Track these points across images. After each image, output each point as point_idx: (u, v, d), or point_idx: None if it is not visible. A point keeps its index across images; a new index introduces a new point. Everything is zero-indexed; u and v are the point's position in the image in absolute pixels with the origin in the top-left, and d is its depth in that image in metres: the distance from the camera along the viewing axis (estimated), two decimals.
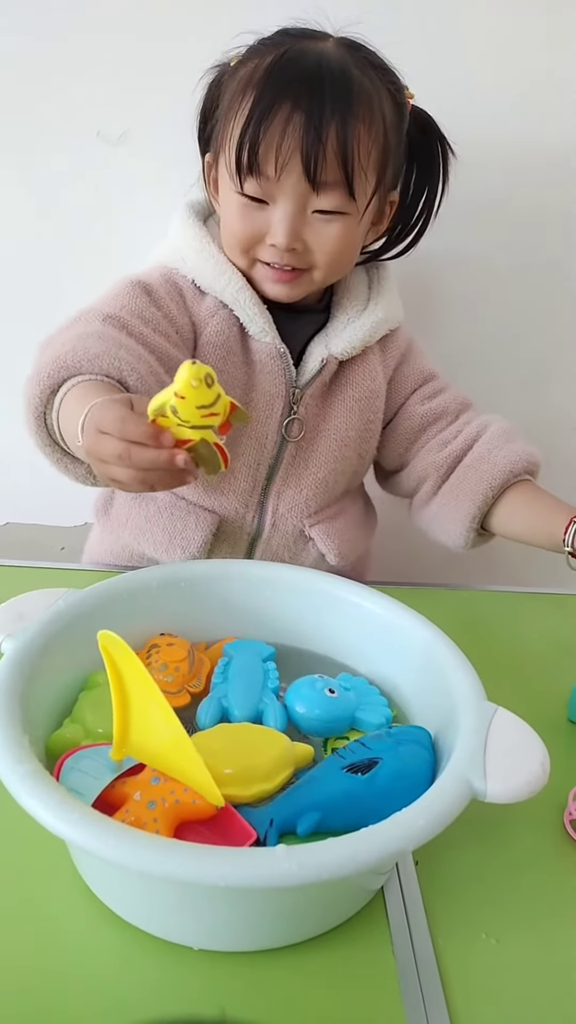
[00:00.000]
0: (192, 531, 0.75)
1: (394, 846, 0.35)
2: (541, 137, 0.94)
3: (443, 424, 0.79)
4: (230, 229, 0.68)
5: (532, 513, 0.71)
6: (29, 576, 0.71)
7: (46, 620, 0.48)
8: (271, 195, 0.65)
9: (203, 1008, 0.37)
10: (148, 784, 0.40)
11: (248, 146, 0.62)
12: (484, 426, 0.77)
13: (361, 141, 0.63)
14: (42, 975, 0.38)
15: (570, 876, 0.47)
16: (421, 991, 0.39)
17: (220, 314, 0.71)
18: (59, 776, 0.41)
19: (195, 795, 0.40)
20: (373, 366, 0.77)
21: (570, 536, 0.66)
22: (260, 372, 0.72)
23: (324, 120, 0.61)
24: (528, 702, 0.47)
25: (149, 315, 0.66)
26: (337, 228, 0.66)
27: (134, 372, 0.58)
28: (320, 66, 0.62)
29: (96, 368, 0.57)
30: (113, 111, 0.91)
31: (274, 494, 0.76)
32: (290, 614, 0.57)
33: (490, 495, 0.72)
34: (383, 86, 0.65)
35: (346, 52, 0.64)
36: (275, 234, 0.65)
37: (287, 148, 0.61)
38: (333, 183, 0.63)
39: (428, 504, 0.78)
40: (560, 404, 1.09)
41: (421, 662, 0.50)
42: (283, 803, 0.42)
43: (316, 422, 0.75)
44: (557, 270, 1.02)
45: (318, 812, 0.41)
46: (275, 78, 0.62)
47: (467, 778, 0.39)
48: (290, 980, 0.39)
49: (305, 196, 0.64)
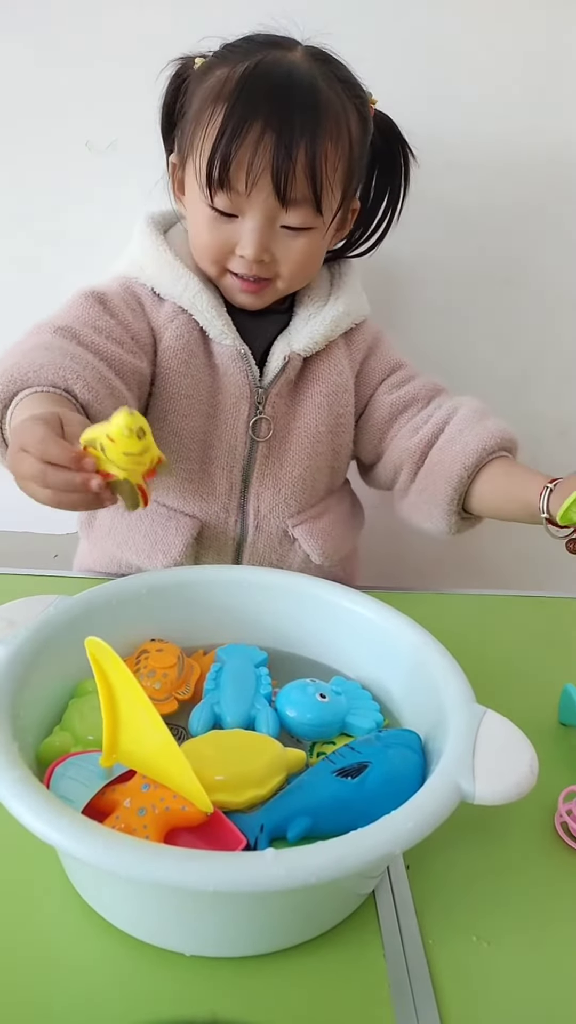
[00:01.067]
0: (173, 536, 0.75)
1: (382, 849, 0.35)
2: (524, 141, 0.95)
3: (414, 411, 0.78)
4: (199, 240, 0.70)
5: (507, 486, 0.69)
6: (19, 583, 0.71)
7: (36, 627, 0.48)
8: (240, 209, 0.66)
9: (195, 1014, 0.37)
10: (138, 791, 0.41)
11: (220, 162, 0.63)
12: (454, 408, 0.75)
13: (328, 158, 0.65)
14: (32, 983, 0.38)
15: (560, 878, 0.47)
16: (412, 995, 0.39)
17: (179, 319, 0.72)
18: (49, 784, 0.41)
19: (185, 801, 0.40)
20: (339, 360, 0.77)
21: (543, 501, 0.63)
22: (223, 375, 0.73)
23: (294, 139, 0.63)
24: (518, 705, 0.47)
25: (102, 324, 0.67)
26: (303, 242, 0.68)
27: (80, 380, 0.58)
28: (290, 82, 0.63)
29: (42, 379, 0.57)
30: (101, 121, 0.91)
31: (253, 495, 0.76)
32: (280, 619, 0.57)
33: (465, 475, 0.70)
34: (349, 100, 0.67)
35: (314, 65, 0.65)
36: (244, 246, 0.67)
37: (258, 165, 0.63)
38: (301, 200, 0.65)
39: (407, 493, 0.77)
40: (545, 410, 1.10)
41: (410, 665, 0.51)
42: (273, 809, 0.42)
43: (285, 420, 0.76)
44: (541, 275, 1.02)
45: (308, 817, 0.41)
46: (246, 93, 0.63)
47: (456, 780, 0.39)
48: (282, 985, 0.39)
49: (274, 211, 0.66)
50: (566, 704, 0.60)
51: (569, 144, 0.96)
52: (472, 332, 1.05)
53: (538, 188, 0.97)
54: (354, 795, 0.41)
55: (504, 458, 0.71)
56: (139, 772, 0.42)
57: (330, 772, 0.43)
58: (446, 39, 0.90)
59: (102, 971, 0.39)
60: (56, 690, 0.49)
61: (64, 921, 0.41)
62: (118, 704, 0.40)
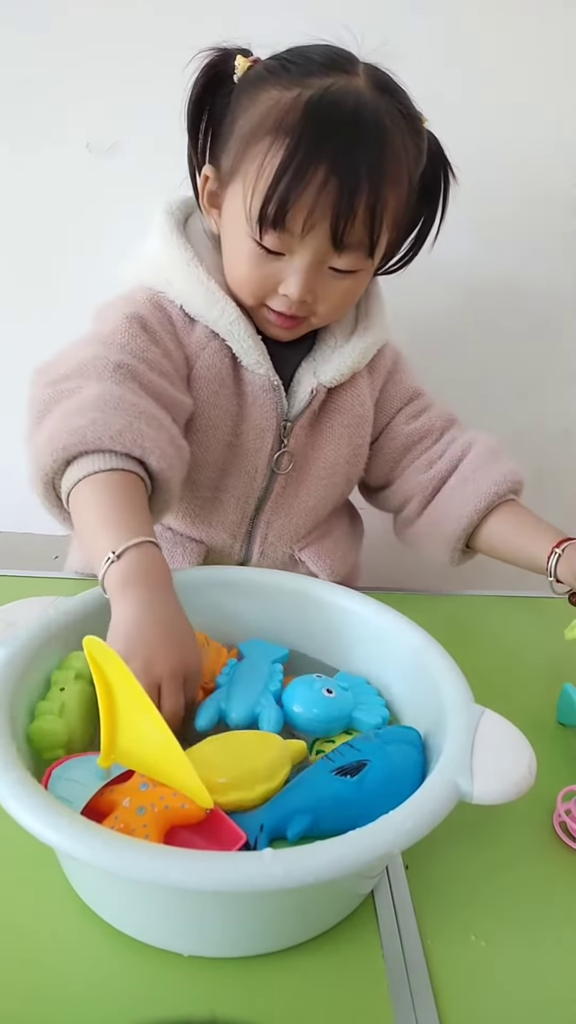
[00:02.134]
0: (179, 562, 0.74)
1: (381, 849, 0.35)
2: (526, 145, 0.95)
3: (428, 443, 0.78)
4: (240, 272, 0.66)
5: (517, 536, 0.72)
6: (19, 585, 0.72)
7: (36, 628, 0.48)
8: (290, 248, 0.62)
9: (193, 1014, 0.37)
10: (137, 790, 0.41)
11: (277, 204, 0.59)
12: (469, 444, 0.76)
13: (388, 204, 0.62)
14: (30, 983, 0.38)
15: (559, 878, 0.47)
16: (411, 994, 0.39)
17: (212, 345, 0.68)
18: (48, 785, 0.41)
19: (184, 799, 0.40)
20: (361, 390, 0.75)
21: (552, 564, 0.67)
22: (252, 404, 0.70)
23: (359, 186, 0.59)
24: (517, 705, 0.47)
25: (151, 356, 0.64)
26: (348, 283, 0.66)
27: (156, 450, 0.56)
28: (358, 122, 0.59)
29: (119, 447, 0.54)
30: (103, 122, 0.91)
31: (263, 524, 0.75)
32: (281, 620, 0.57)
33: (476, 517, 0.72)
34: (411, 138, 0.63)
35: (380, 99, 0.60)
36: (289, 287, 0.64)
37: (318, 212, 0.59)
38: (356, 245, 0.62)
39: (414, 523, 0.79)
40: (551, 409, 1.10)
41: (410, 666, 0.51)
42: (273, 808, 0.42)
43: (305, 451, 0.74)
44: (542, 277, 1.02)
45: (308, 816, 0.41)
46: (312, 132, 0.58)
47: (454, 780, 0.39)
48: (280, 985, 0.39)
49: (325, 254, 0.62)
50: (565, 704, 0.60)
51: (570, 148, 0.96)
52: (473, 334, 1.05)
53: (541, 190, 0.97)
54: (354, 793, 0.41)
55: (512, 501, 0.73)
56: (138, 771, 0.42)
57: (329, 771, 0.43)
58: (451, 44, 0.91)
59: (100, 971, 0.39)
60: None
61: (63, 922, 0.41)
62: (116, 703, 0.40)
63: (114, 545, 0.49)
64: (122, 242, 0.96)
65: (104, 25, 0.88)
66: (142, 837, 0.38)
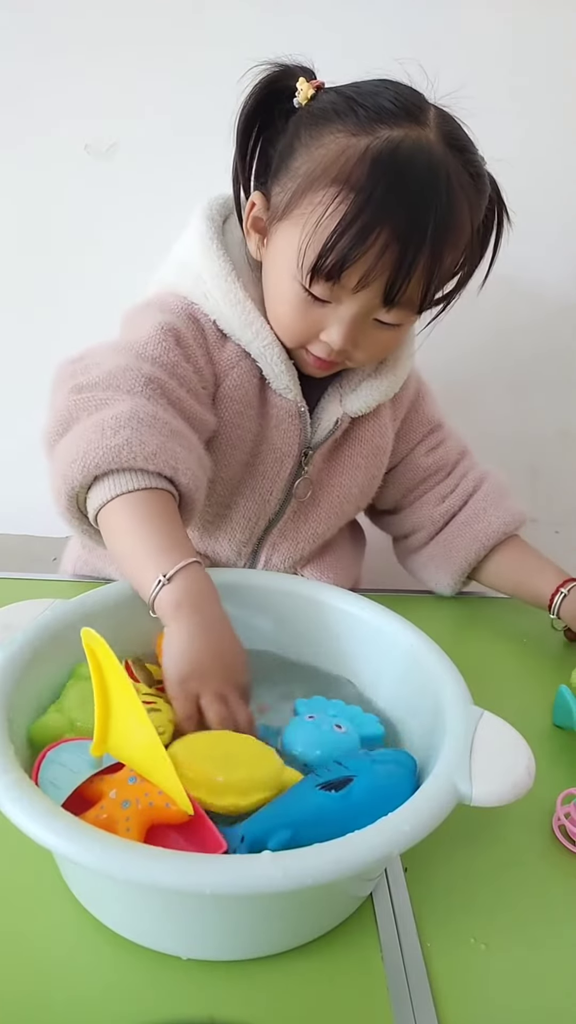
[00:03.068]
0: None
1: (380, 851, 0.35)
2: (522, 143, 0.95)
3: (442, 476, 0.79)
4: (283, 316, 0.64)
5: (520, 572, 0.76)
6: (16, 587, 0.71)
7: (33, 631, 0.48)
8: (338, 299, 0.61)
9: (192, 1017, 0.37)
10: (125, 783, 0.41)
11: (334, 260, 0.58)
12: (480, 480, 0.79)
13: (445, 265, 0.61)
14: (29, 987, 0.38)
15: (558, 881, 0.47)
16: (410, 997, 0.39)
17: (242, 364, 0.67)
18: (39, 767, 0.41)
19: (169, 799, 0.40)
20: (384, 421, 0.75)
21: (557, 603, 0.71)
22: (275, 428, 0.69)
23: (421, 252, 0.58)
24: (514, 707, 0.47)
25: (181, 372, 0.62)
26: (391, 335, 0.65)
27: (187, 471, 0.55)
28: (428, 184, 0.57)
29: (152, 466, 0.54)
30: (101, 124, 0.92)
31: (269, 545, 0.75)
32: (277, 621, 0.57)
33: (482, 552, 0.76)
34: (476, 198, 0.61)
35: (451, 157, 0.58)
36: (331, 334, 0.62)
37: (376, 272, 0.58)
38: (406, 303, 0.61)
39: (419, 552, 0.80)
40: (545, 411, 1.10)
41: (408, 667, 0.51)
42: (255, 820, 0.41)
43: (321, 479, 0.73)
44: (540, 275, 1.03)
45: (289, 829, 0.39)
46: (380, 194, 0.56)
47: (453, 781, 0.39)
48: (279, 988, 0.39)
49: (374, 309, 0.61)
50: (560, 706, 0.60)
51: (568, 146, 0.96)
52: (472, 333, 1.05)
53: (537, 189, 0.97)
54: (337, 808, 0.40)
55: (516, 537, 0.77)
56: (125, 763, 0.42)
57: (314, 786, 0.42)
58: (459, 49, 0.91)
59: (99, 975, 0.39)
60: (52, 694, 0.49)
61: (61, 925, 0.41)
62: (110, 696, 0.40)
63: (164, 568, 0.50)
64: (121, 242, 0.96)
65: (103, 27, 0.88)
66: (123, 831, 0.38)
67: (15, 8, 0.87)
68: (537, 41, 0.92)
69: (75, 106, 0.91)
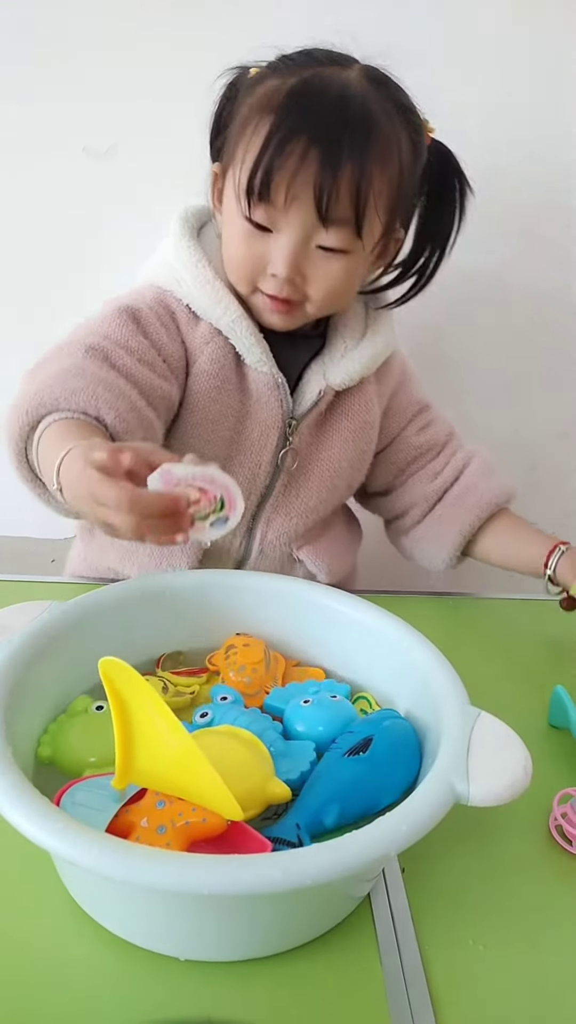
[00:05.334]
0: (179, 557, 0.74)
1: (378, 851, 0.35)
2: (517, 145, 0.96)
3: (432, 455, 0.81)
4: (232, 255, 0.67)
5: (514, 542, 0.77)
6: (13, 589, 0.71)
7: (30, 633, 0.48)
8: (276, 224, 0.63)
9: (190, 1018, 0.37)
10: (154, 809, 0.40)
11: (261, 173, 0.61)
12: (469, 457, 0.81)
13: (375, 182, 0.62)
14: (27, 989, 0.38)
15: (556, 881, 0.47)
16: (408, 998, 0.39)
17: (215, 342, 0.69)
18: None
19: (204, 813, 0.39)
20: (369, 397, 0.76)
21: (554, 562, 0.72)
22: (256, 402, 0.71)
23: (341, 158, 0.60)
24: (509, 707, 0.47)
25: (135, 344, 0.65)
26: (337, 266, 0.65)
27: (112, 410, 0.57)
28: (343, 102, 0.60)
29: (73, 405, 0.56)
30: (99, 126, 0.92)
31: (263, 521, 0.76)
32: (274, 623, 0.57)
33: (476, 524, 0.77)
34: (403, 128, 0.64)
35: (370, 86, 0.62)
36: (275, 264, 0.64)
37: (301, 180, 0.60)
38: (342, 221, 0.62)
39: (413, 530, 0.82)
40: (543, 412, 1.10)
41: (405, 668, 0.51)
42: (301, 805, 0.43)
43: (309, 451, 0.75)
44: (537, 276, 1.03)
45: (337, 803, 0.42)
46: (295, 107, 0.60)
47: (450, 781, 0.39)
48: (277, 989, 0.39)
49: (311, 229, 0.63)
50: (556, 706, 0.60)
51: (562, 148, 0.97)
52: (470, 334, 1.06)
53: (534, 190, 0.98)
54: (369, 769, 0.43)
55: (506, 511, 0.79)
56: (156, 790, 0.41)
57: (341, 756, 0.44)
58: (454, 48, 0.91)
59: (97, 976, 0.39)
60: (50, 696, 0.49)
61: (59, 926, 0.41)
62: (132, 723, 0.40)
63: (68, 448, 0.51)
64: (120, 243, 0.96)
65: (102, 28, 0.88)
66: None
67: (15, 7, 0.87)
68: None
69: (74, 107, 0.91)
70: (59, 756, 0.46)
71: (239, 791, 0.40)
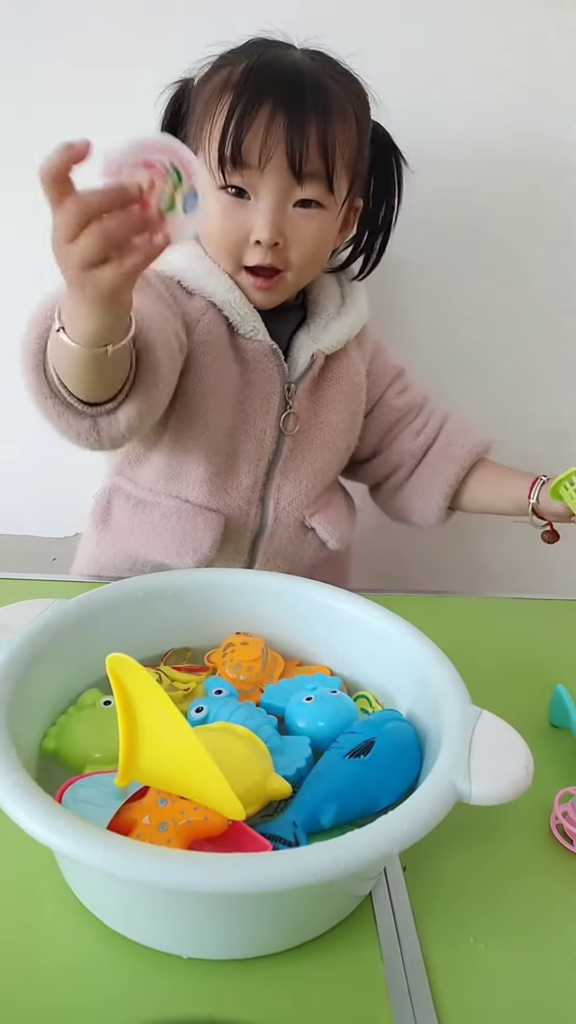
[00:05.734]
0: (202, 532, 0.76)
1: (380, 849, 0.35)
2: (525, 142, 0.95)
3: (412, 415, 0.86)
4: (214, 231, 0.70)
5: (498, 483, 0.81)
6: (14, 588, 0.71)
7: (32, 631, 0.48)
8: (254, 188, 0.67)
9: (192, 1016, 0.37)
10: (155, 807, 0.40)
11: (232, 138, 0.64)
12: (446, 416, 0.86)
13: (338, 139, 0.67)
14: (29, 987, 0.38)
15: (557, 880, 0.47)
16: (410, 996, 0.39)
17: (209, 313, 0.72)
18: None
19: (206, 812, 0.39)
20: (354, 360, 0.81)
21: (536, 491, 0.76)
22: (253, 370, 0.75)
23: (306, 117, 0.64)
24: (510, 707, 0.47)
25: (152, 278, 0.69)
26: (315, 223, 0.69)
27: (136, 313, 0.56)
28: (297, 70, 0.66)
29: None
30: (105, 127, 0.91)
31: (275, 488, 0.79)
32: (276, 621, 0.58)
33: (461, 473, 0.82)
34: (353, 93, 0.69)
35: (316, 60, 0.68)
36: (259, 229, 0.68)
37: (272, 140, 0.64)
38: (315, 174, 0.67)
39: (402, 488, 0.86)
40: (544, 413, 1.10)
41: (406, 666, 0.51)
42: (299, 804, 0.43)
43: (308, 415, 0.79)
44: (540, 277, 1.03)
45: (335, 802, 0.42)
46: (254, 78, 0.64)
47: (452, 780, 0.39)
48: (279, 987, 0.39)
49: (288, 188, 0.67)
50: (557, 706, 0.60)
51: (571, 145, 0.96)
52: (472, 335, 1.06)
53: (539, 190, 0.98)
54: (369, 771, 0.44)
55: (486, 460, 0.84)
56: (159, 788, 0.41)
57: (342, 756, 0.45)
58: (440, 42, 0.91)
59: (99, 974, 0.39)
60: (53, 693, 0.49)
61: (61, 924, 0.41)
62: (138, 720, 0.40)
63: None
64: None
65: (106, 29, 0.88)
66: None
67: (23, 7, 0.87)
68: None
69: (78, 109, 0.91)
70: (64, 750, 0.46)
71: (240, 788, 0.40)
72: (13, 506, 1.10)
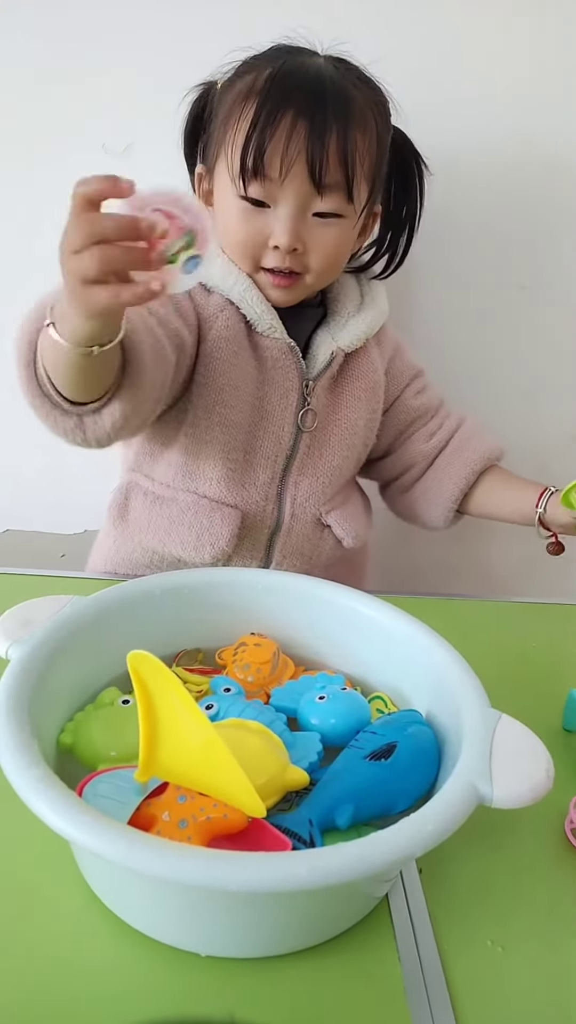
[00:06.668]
0: (219, 527, 0.76)
1: (404, 850, 0.35)
2: (543, 146, 0.95)
3: (428, 417, 0.87)
4: (232, 236, 0.71)
5: (506, 491, 0.82)
6: (32, 583, 0.72)
7: (53, 626, 0.48)
8: (273, 198, 0.67)
9: (211, 1014, 0.37)
10: (175, 803, 0.40)
11: (254, 150, 0.65)
12: (461, 420, 0.87)
13: (358, 148, 0.67)
14: (49, 983, 0.38)
15: (572, 883, 0.47)
16: (427, 998, 0.39)
17: (227, 311, 0.73)
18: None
19: (225, 809, 0.39)
20: (373, 358, 0.81)
21: (544, 502, 0.76)
22: (272, 368, 0.75)
23: (327, 127, 0.65)
24: (523, 711, 0.47)
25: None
26: (334, 232, 0.70)
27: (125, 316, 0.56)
28: (320, 78, 0.66)
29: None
30: (118, 124, 0.92)
31: (292, 484, 0.79)
32: (293, 622, 0.58)
33: (471, 478, 0.83)
34: (374, 101, 0.70)
35: (339, 68, 0.68)
36: (278, 235, 0.68)
37: (292, 151, 0.65)
38: (334, 185, 0.67)
39: (412, 488, 0.87)
40: (555, 418, 1.10)
41: (424, 669, 0.51)
42: (316, 801, 0.43)
43: (326, 413, 0.79)
44: (555, 282, 1.03)
45: (351, 803, 0.42)
46: (278, 87, 0.65)
47: (474, 783, 0.39)
48: (296, 987, 0.39)
49: (307, 198, 0.67)
50: (571, 710, 0.60)
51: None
52: (485, 339, 1.06)
53: (556, 194, 0.98)
54: (388, 775, 0.43)
55: (497, 467, 0.84)
56: (179, 784, 0.41)
57: (362, 757, 0.44)
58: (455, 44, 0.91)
59: (118, 970, 0.39)
60: (71, 689, 0.49)
61: (80, 921, 0.41)
62: (158, 716, 0.40)
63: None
64: None
65: (120, 27, 0.88)
66: None
67: (33, 6, 0.87)
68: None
69: (92, 106, 0.91)
70: (79, 747, 0.46)
71: (259, 783, 0.41)
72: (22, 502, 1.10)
